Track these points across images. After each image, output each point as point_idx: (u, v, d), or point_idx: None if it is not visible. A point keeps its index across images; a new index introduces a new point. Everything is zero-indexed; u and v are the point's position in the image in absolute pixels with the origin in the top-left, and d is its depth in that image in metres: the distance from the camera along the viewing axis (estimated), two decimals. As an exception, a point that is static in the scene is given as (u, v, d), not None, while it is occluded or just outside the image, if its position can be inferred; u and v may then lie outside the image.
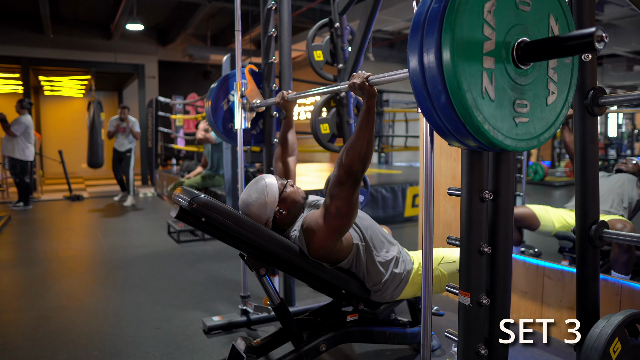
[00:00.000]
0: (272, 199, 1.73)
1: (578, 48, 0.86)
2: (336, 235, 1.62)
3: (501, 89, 0.95)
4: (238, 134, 2.39)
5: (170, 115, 8.85)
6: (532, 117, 1.01)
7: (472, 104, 0.90)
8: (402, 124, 9.97)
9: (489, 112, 0.93)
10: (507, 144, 0.97)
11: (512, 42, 0.95)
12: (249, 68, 2.43)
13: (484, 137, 0.94)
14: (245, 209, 1.75)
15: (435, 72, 0.92)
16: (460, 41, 0.89)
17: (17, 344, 2.24)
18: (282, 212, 1.76)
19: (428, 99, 0.96)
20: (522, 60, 0.96)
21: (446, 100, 0.92)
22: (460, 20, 0.89)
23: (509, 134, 0.97)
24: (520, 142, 0.99)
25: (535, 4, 0.99)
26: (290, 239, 1.72)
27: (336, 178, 1.54)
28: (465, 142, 1.00)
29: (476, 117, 0.91)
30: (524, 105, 0.99)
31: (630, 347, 1.32)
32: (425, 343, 1.30)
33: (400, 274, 1.78)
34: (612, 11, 7.50)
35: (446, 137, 1.02)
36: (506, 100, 0.96)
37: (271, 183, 1.76)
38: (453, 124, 0.95)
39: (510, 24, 0.95)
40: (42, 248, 4.26)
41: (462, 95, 0.90)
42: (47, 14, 8.61)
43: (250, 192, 1.75)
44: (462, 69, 0.89)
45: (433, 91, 0.94)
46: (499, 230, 1.20)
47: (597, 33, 0.80)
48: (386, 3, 7.91)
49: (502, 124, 0.96)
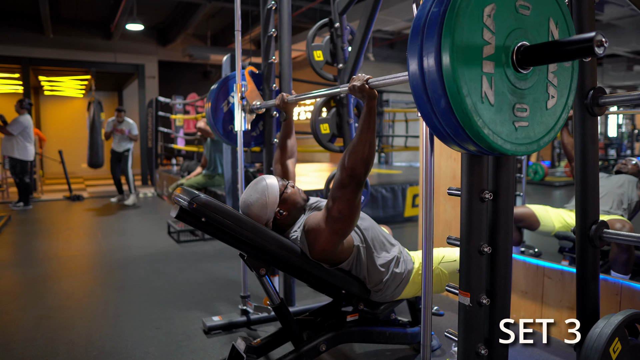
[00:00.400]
0: (272, 200, 1.73)
1: (577, 53, 0.86)
2: (338, 238, 1.62)
3: (501, 94, 0.95)
4: (238, 136, 2.39)
5: (170, 115, 8.86)
6: (531, 122, 1.01)
7: (471, 108, 0.90)
8: (402, 124, 9.97)
9: (488, 116, 0.93)
10: (507, 149, 0.97)
11: (512, 46, 0.95)
12: (249, 70, 2.43)
13: (483, 142, 0.94)
14: (246, 209, 1.75)
15: (434, 77, 0.92)
16: (460, 45, 0.89)
17: (17, 344, 2.24)
18: (283, 213, 1.76)
19: (428, 103, 0.96)
20: (521, 64, 0.96)
21: (446, 104, 0.92)
22: (460, 24, 0.89)
23: (508, 139, 0.97)
24: (520, 147, 0.99)
25: (536, 8, 0.99)
26: (290, 240, 1.72)
27: (338, 181, 1.54)
28: (464, 146, 1.00)
29: (476, 122, 0.91)
30: (524, 110, 0.99)
31: (630, 347, 1.32)
32: (426, 343, 1.30)
33: (401, 273, 1.78)
34: (612, 11, 7.50)
35: (446, 141, 1.02)
36: (506, 104, 0.96)
37: (272, 184, 1.76)
38: (453, 128, 0.95)
39: (510, 28, 0.95)
40: (42, 248, 4.26)
41: (462, 99, 0.90)
42: (47, 14, 8.61)
43: (251, 192, 1.76)
44: (462, 74, 0.89)
45: (433, 95, 0.94)
46: (499, 230, 1.20)
47: (596, 38, 0.80)
48: (386, 3, 7.91)
49: (502, 128, 0.96)
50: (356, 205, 1.56)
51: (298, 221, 1.78)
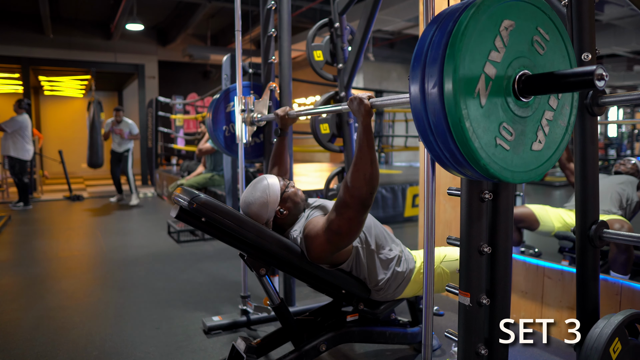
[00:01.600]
0: (273, 199, 1.73)
1: (578, 85, 0.86)
2: (333, 249, 1.61)
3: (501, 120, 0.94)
4: (239, 147, 2.39)
5: (170, 115, 8.86)
6: (515, 150, 0.99)
7: (472, 134, 0.90)
8: (402, 124, 9.97)
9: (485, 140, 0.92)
10: (506, 176, 0.96)
11: (514, 75, 0.95)
12: (271, 85, 2.43)
13: (494, 177, 0.93)
14: (247, 208, 1.75)
15: (437, 107, 0.91)
16: (463, 77, 0.88)
17: (17, 344, 2.24)
18: (283, 212, 1.76)
19: (429, 129, 0.95)
20: (523, 93, 0.95)
21: (447, 130, 0.91)
22: (462, 60, 0.88)
23: (504, 165, 0.96)
24: (531, 172, 0.99)
25: (551, 47, 0.99)
26: (290, 239, 1.72)
27: (342, 199, 1.50)
28: (464, 173, 0.99)
29: (475, 147, 0.91)
30: (511, 133, 0.98)
31: (631, 347, 1.32)
32: (427, 343, 1.30)
33: (402, 272, 1.78)
34: (612, 11, 7.50)
35: (446, 167, 1.01)
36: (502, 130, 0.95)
37: (273, 183, 1.76)
38: (453, 154, 0.94)
39: (514, 56, 0.95)
40: (42, 248, 4.26)
41: (464, 129, 0.89)
42: (47, 14, 8.61)
43: (252, 191, 1.76)
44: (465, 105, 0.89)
45: (436, 130, 0.93)
46: (499, 230, 1.20)
47: (597, 72, 0.81)
48: (386, 3, 7.91)
49: (494, 151, 0.95)
50: (357, 224, 1.53)
51: (299, 220, 1.78)
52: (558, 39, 1.01)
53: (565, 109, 1.04)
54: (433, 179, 1.26)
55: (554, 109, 1.01)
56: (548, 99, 1.00)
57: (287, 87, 2.50)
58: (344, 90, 2.64)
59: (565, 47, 1.02)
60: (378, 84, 12.31)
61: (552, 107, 1.01)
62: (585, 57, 1.39)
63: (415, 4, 7.59)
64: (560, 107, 1.03)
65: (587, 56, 1.39)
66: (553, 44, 1.00)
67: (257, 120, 2.37)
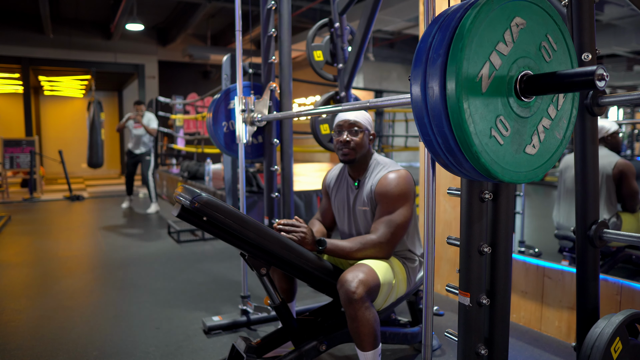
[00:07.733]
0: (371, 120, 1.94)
1: (579, 85, 0.86)
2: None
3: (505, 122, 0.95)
4: (239, 147, 2.39)
5: (170, 115, 8.86)
6: (508, 145, 0.98)
7: (468, 117, 0.90)
8: (402, 124, 9.97)
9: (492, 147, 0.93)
10: (496, 170, 0.96)
11: (517, 73, 0.95)
12: (271, 85, 2.43)
13: (484, 170, 0.93)
14: (355, 118, 1.88)
15: (440, 108, 0.91)
16: (466, 78, 0.88)
17: (17, 344, 2.24)
18: (371, 139, 1.93)
19: (431, 130, 0.95)
20: (524, 93, 0.96)
21: (449, 131, 0.91)
22: (465, 62, 0.88)
23: (511, 167, 0.96)
24: (521, 175, 0.99)
25: (557, 57, 0.99)
26: (365, 185, 1.86)
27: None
28: (465, 172, 0.99)
29: (478, 149, 0.91)
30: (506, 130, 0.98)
31: (631, 347, 1.32)
32: (427, 343, 1.30)
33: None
34: (612, 11, 7.50)
35: (447, 168, 1.01)
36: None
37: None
38: (446, 140, 0.94)
39: (516, 56, 0.95)
40: (42, 248, 4.26)
41: (461, 109, 0.89)
42: (47, 14, 8.62)
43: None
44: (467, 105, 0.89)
45: (437, 130, 0.94)
46: (499, 230, 1.20)
47: (598, 72, 0.81)
48: (386, 3, 7.91)
49: (506, 157, 0.95)
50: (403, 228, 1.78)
51: (369, 168, 1.89)
52: (565, 52, 1.02)
53: (563, 122, 1.04)
54: (433, 179, 1.26)
55: (552, 118, 1.02)
56: (547, 106, 1.01)
57: (287, 87, 2.50)
58: (344, 90, 2.64)
59: (570, 62, 1.03)
60: (378, 84, 12.32)
61: (550, 115, 1.01)
62: (585, 57, 1.39)
63: (415, 4, 7.59)
64: (558, 119, 1.03)
65: (587, 56, 1.39)
66: (560, 55, 1.01)
67: (258, 120, 2.37)
